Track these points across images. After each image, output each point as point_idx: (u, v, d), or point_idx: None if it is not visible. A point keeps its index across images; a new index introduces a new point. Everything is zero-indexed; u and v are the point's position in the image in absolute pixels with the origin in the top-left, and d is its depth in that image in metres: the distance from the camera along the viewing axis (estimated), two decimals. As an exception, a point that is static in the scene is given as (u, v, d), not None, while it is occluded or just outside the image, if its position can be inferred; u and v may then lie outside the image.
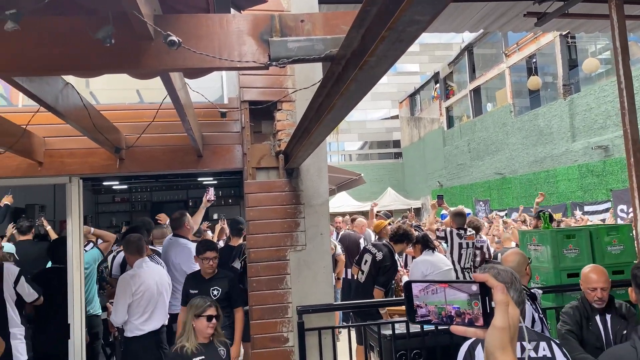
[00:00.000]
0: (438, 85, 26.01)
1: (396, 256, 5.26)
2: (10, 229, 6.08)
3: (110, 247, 5.12)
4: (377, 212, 8.82)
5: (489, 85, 21.83)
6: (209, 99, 4.14)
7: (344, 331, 5.11)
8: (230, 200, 15.25)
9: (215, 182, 14.76)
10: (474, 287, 0.91)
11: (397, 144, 31.15)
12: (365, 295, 5.12)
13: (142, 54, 1.84)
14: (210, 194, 5.40)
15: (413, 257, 5.80)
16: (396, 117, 31.53)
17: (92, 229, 5.12)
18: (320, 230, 3.96)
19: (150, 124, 3.74)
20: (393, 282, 5.36)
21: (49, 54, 1.82)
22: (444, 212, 13.21)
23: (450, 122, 24.98)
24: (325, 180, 4.04)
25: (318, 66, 4.04)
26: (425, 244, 5.33)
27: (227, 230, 6.25)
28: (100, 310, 5.02)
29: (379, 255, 5.18)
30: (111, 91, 4.63)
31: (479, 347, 2.19)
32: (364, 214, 11.95)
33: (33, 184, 4.21)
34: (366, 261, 5.24)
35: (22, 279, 3.92)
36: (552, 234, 4.64)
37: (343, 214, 12.48)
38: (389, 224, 6.54)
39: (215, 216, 12.27)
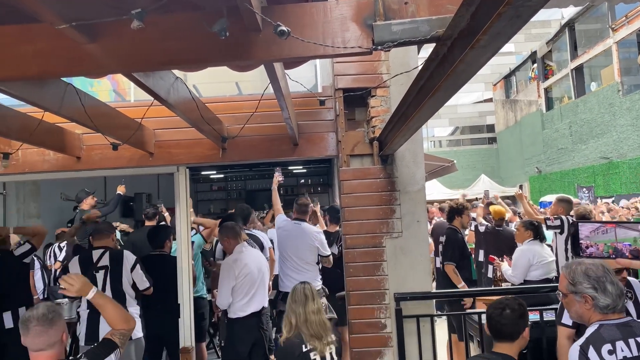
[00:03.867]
0: (535, 65, 24.50)
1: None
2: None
3: (213, 233, 5.37)
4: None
5: (592, 63, 20.18)
6: (305, 88, 4.22)
7: (439, 320, 5.02)
8: (319, 188, 15.52)
9: (305, 170, 15.11)
10: None
11: (490, 128, 29.82)
12: (446, 283, 5.13)
13: (251, 46, 1.91)
14: (280, 176, 5.59)
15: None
16: (490, 100, 30.15)
17: (193, 217, 5.42)
18: (417, 217, 3.90)
19: (253, 114, 3.87)
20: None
21: (167, 49, 1.95)
22: (543, 200, 12.47)
23: (549, 104, 23.47)
24: (421, 166, 3.97)
25: (413, 50, 3.96)
26: (537, 233, 5.07)
27: (320, 215, 6.34)
28: (206, 292, 5.32)
29: (442, 239, 5.37)
30: (208, 84, 4.86)
31: (591, 348, 2.08)
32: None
33: (144, 173, 4.54)
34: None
35: (138, 267, 4.19)
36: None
37: (433, 202, 12.23)
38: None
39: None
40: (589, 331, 2.18)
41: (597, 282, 2.21)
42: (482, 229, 7.12)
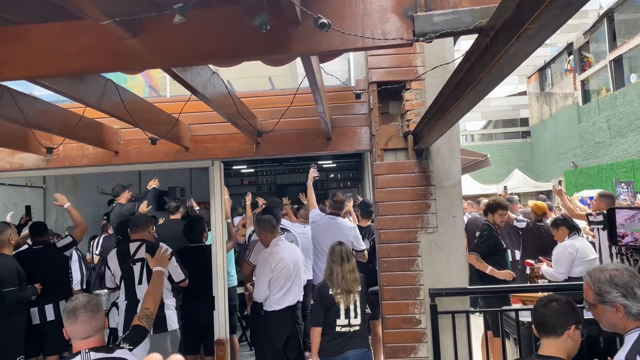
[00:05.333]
0: (572, 57, 23.77)
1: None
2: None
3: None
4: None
5: (632, 54, 19.45)
6: (338, 82, 4.20)
7: (473, 316, 4.95)
8: (348, 183, 15.49)
9: (335, 165, 15.09)
10: None
11: (524, 122, 29.14)
12: (480, 279, 5.06)
13: (289, 39, 1.90)
14: (315, 172, 5.58)
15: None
16: (524, 93, 29.46)
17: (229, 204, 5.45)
18: (453, 212, 3.84)
19: (287, 109, 3.88)
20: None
21: (207, 43, 1.96)
22: (581, 195, 12.13)
23: (586, 96, 22.76)
24: (457, 160, 3.90)
25: (449, 42, 3.89)
26: (570, 226, 4.95)
27: (351, 211, 6.31)
28: (236, 283, 5.37)
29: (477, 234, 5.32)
30: (241, 80, 4.89)
31: (639, 358, 1.99)
32: (488, 196, 11.41)
33: (180, 167, 4.60)
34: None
35: (173, 259, 4.23)
36: None
37: (465, 198, 12.04)
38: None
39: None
40: (630, 340, 2.08)
41: (626, 289, 2.11)
42: (521, 225, 6.88)
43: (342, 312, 3.61)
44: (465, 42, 4.80)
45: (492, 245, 5.06)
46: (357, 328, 3.61)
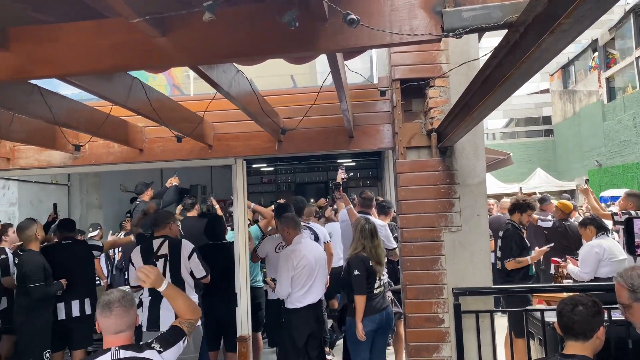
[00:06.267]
0: (596, 54, 23.30)
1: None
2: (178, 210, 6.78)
3: (269, 224, 5.44)
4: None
5: (660, 50, 19.00)
6: (360, 80, 4.18)
7: (496, 316, 4.90)
8: (368, 182, 15.46)
9: (354, 163, 15.07)
10: None
11: (547, 120, 28.67)
12: (502, 279, 5.00)
13: (317, 36, 1.90)
14: (343, 173, 5.58)
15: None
16: (546, 91, 28.99)
17: (252, 204, 5.50)
18: (477, 211, 3.80)
19: (311, 106, 3.88)
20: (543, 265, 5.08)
21: (235, 41, 1.97)
22: (603, 194, 11.89)
23: (611, 94, 22.29)
24: (482, 158, 3.86)
25: (474, 39, 3.84)
26: (599, 226, 4.86)
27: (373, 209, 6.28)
28: (262, 283, 5.40)
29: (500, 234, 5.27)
30: (262, 78, 4.92)
31: None
32: (510, 196, 11.25)
33: (203, 165, 4.65)
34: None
35: (195, 255, 4.24)
36: None
37: (488, 197, 11.89)
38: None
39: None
40: None
41: None
42: (546, 224, 6.69)
43: (378, 279, 4.14)
44: (488, 40, 4.76)
45: (520, 244, 5.00)
46: (382, 289, 4.22)
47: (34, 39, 2.11)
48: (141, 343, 2.21)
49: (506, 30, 1.97)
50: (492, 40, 5.10)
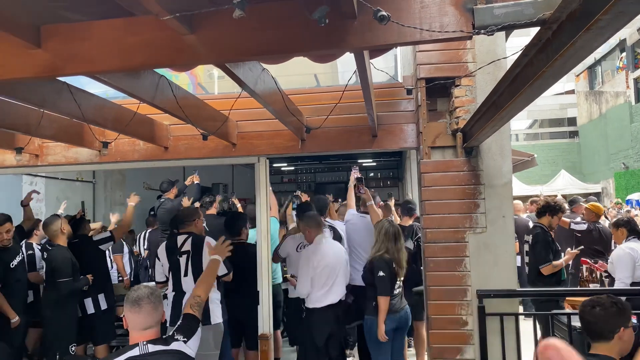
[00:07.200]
0: (624, 54, 22.80)
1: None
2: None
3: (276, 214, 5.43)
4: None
5: (691, 50, 18.48)
6: (384, 79, 4.16)
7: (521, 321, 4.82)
8: (388, 182, 15.38)
9: (375, 164, 15.01)
10: None
11: (572, 121, 28.14)
12: (530, 282, 4.94)
13: (346, 33, 1.89)
14: (356, 173, 5.53)
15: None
16: (572, 92, 28.46)
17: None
18: (503, 212, 3.74)
19: (336, 105, 3.86)
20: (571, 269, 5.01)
21: (263, 39, 1.97)
22: (630, 198, 11.61)
23: (639, 95, 21.79)
24: (508, 159, 3.80)
25: (501, 37, 3.79)
26: (631, 229, 4.73)
27: (393, 209, 6.22)
28: (281, 280, 5.40)
29: (529, 238, 5.16)
30: (284, 77, 4.92)
31: None
32: (531, 197, 11.07)
33: (227, 163, 4.67)
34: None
35: None
36: None
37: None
38: None
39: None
40: None
41: None
42: (580, 227, 6.42)
43: (398, 280, 4.20)
44: (514, 39, 4.68)
45: (550, 248, 4.90)
46: (401, 290, 4.28)
47: (65, 36, 2.14)
48: (165, 336, 2.23)
49: (537, 28, 1.94)
50: (518, 40, 5.04)
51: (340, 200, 7.78)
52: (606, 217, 8.27)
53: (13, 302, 4.55)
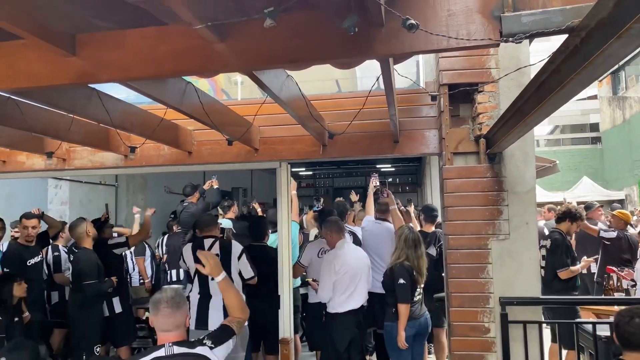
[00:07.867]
0: (649, 58, 22.40)
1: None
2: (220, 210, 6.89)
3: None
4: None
5: None
6: (406, 85, 4.17)
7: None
8: (407, 188, 15.32)
9: (394, 169, 14.97)
10: None
11: (594, 127, 27.72)
12: (546, 289, 4.83)
13: (373, 40, 1.92)
14: (376, 180, 5.54)
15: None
16: (594, 97, 28.04)
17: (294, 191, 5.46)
18: (526, 219, 3.72)
19: (360, 111, 3.89)
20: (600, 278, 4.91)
21: (292, 47, 2.01)
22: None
23: (664, 100, 21.38)
24: (532, 166, 3.77)
25: (525, 44, 3.77)
26: None
27: (414, 215, 6.21)
28: (299, 283, 5.41)
29: (546, 242, 5.11)
30: (306, 83, 4.96)
31: None
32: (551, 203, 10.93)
33: (249, 168, 4.73)
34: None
35: (244, 256, 4.30)
36: None
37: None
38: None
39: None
40: None
41: None
42: (609, 235, 6.28)
43: (418, 287, 4.19)
44: (536, 43, 4.64)
45: (568, 253, 4.85)
46: (421, 297, 4.26)
47: (99, 45, 2.21)
48: (193, 340, 2.26)
49: (565, 36, 1.94)
50: (540, 45, 5.00)
51: (361, 203, 7.76)
52: (630, 225, 8.10)
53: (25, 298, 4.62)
